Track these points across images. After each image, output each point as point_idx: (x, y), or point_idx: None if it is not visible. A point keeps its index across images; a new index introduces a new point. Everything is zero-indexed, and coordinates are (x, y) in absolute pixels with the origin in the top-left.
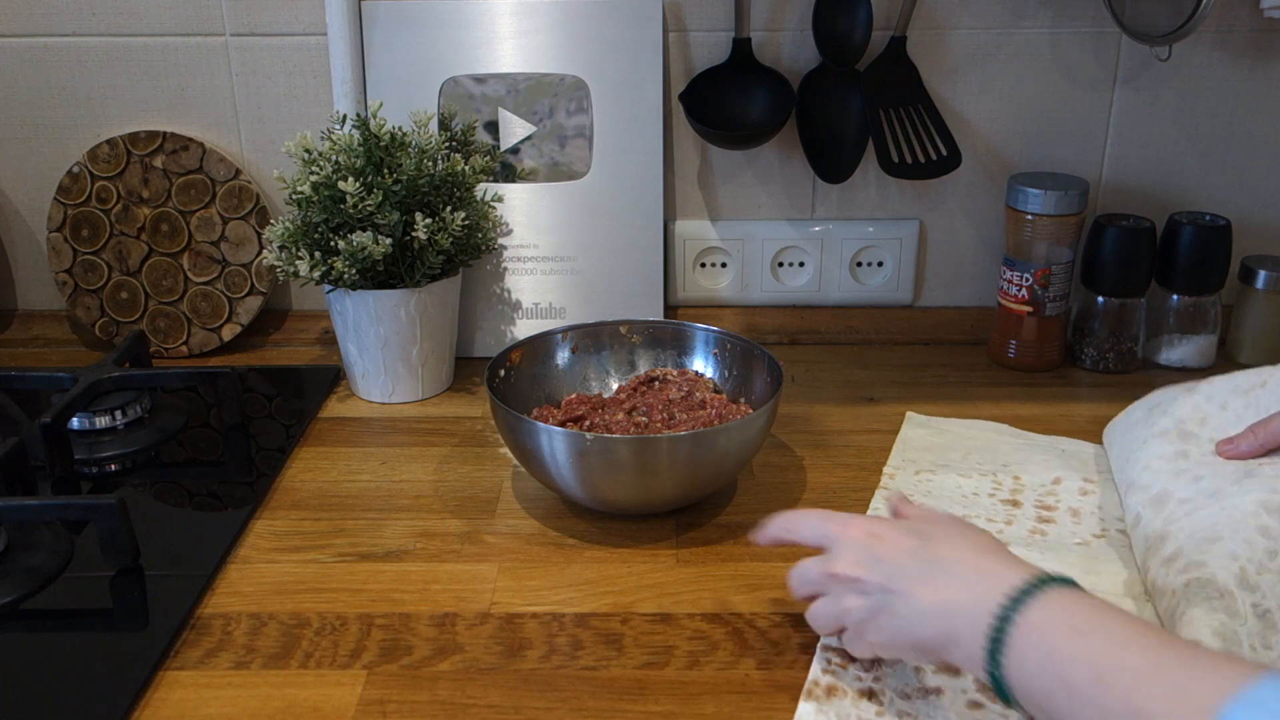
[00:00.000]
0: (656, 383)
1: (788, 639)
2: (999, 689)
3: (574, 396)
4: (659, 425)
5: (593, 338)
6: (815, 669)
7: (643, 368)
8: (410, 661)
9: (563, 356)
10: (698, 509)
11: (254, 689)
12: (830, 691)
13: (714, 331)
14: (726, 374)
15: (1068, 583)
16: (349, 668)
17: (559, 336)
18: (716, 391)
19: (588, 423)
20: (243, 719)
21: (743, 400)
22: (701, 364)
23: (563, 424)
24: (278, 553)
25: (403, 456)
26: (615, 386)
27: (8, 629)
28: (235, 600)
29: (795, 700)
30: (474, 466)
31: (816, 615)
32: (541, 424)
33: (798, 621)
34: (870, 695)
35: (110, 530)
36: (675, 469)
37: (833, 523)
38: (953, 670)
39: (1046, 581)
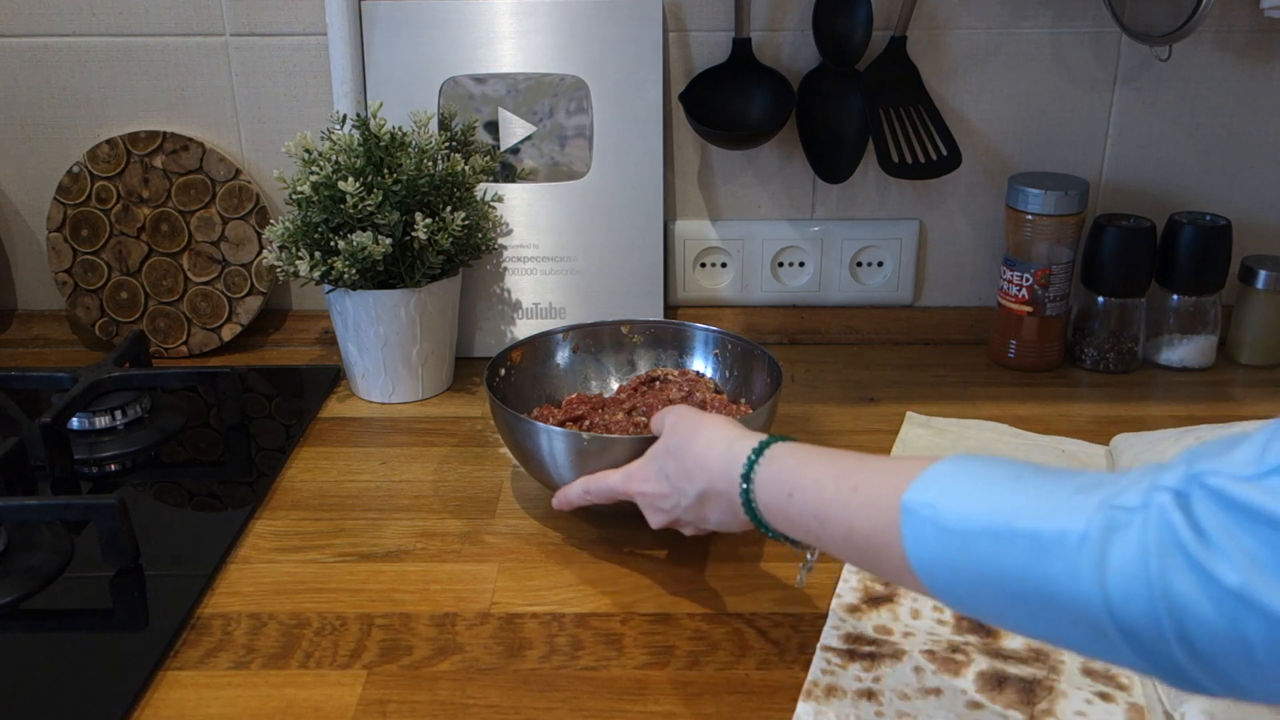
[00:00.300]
0: (657, 383)
1: (788, 639)
2: (763, 529)
3: (574, 396)
4: None
5: (593, 338)
6: (814, 670)
7: (644, 368)
8: (410, 661)
9: (563, 356)
10: None
11: (254, 689)
12: (829, 692)
13: (714, 332)
14: (727, 374)
15: (778, 441)
16: (349, 668)
17: (559, 336)
18: (718, 392)
19: (587, 422)
20: (243, 719)
21: (743, 400)
22: (702, 364)
23: (562, 423)
24: (278, 553)
25: (403, 456)
26: (616, 386)
27: (8, 629)
28: (235, 600)
29: (795, 700)
30: (474, 466)
31: (652, 522)
32: (540, 423)
33: (798, 621)
34: (869, 695)
35: (110, 530)
36: None
37: (615, 472)
38: (952, 670)
39: (766, 444)
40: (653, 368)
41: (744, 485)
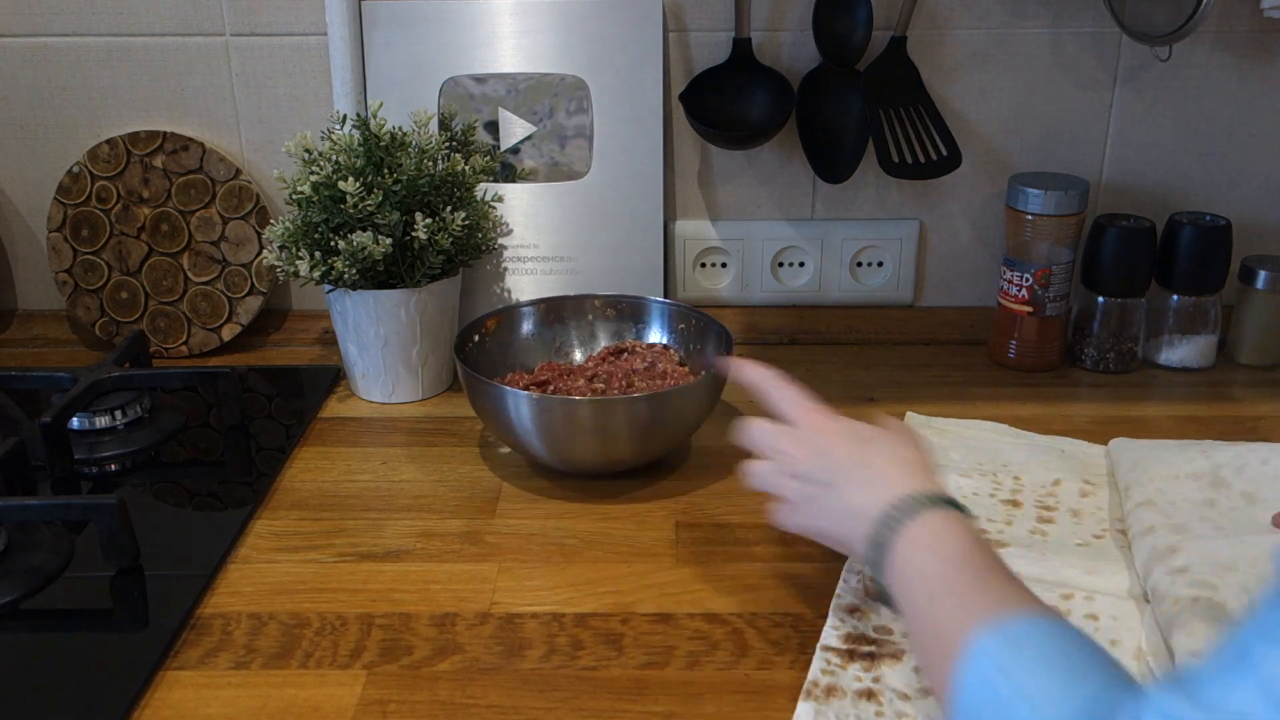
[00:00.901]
0: (625, 354)
1: (788, 639)
2: (880, 586)
3: (544, 364)
4: (615, 392)
5: (566, 310)
6: (814, 670)
7: (613, 340)
8: (410, 661)
9: (538, 327)
10: (698, 509)
11: (254, 689)
12: (829, 692)
13: (677, 307)
14: (690, 348)
15: (955, 507)
16: (349, 668)
17: (534, 308)
18: (681, 364)
19: (551, 388)
20: (243, 719)
21: (703, 373)
22: (667, 337)
23: (527, 388)
24: (278, 553)
25: (403, 456)
26: (581, 357)
27: (8, 629)
28: (235, 600)
29: (795, 700)
30: (474, 466)
31: (755, 473)
32: (495, 384)
33: (798, 621)
34: (869, 695)
35: (110, 530)
36: (599, 431)
37: (803, 407)
38: None
39: (930, 502)
40: (621, 340)
41: (886, 524)
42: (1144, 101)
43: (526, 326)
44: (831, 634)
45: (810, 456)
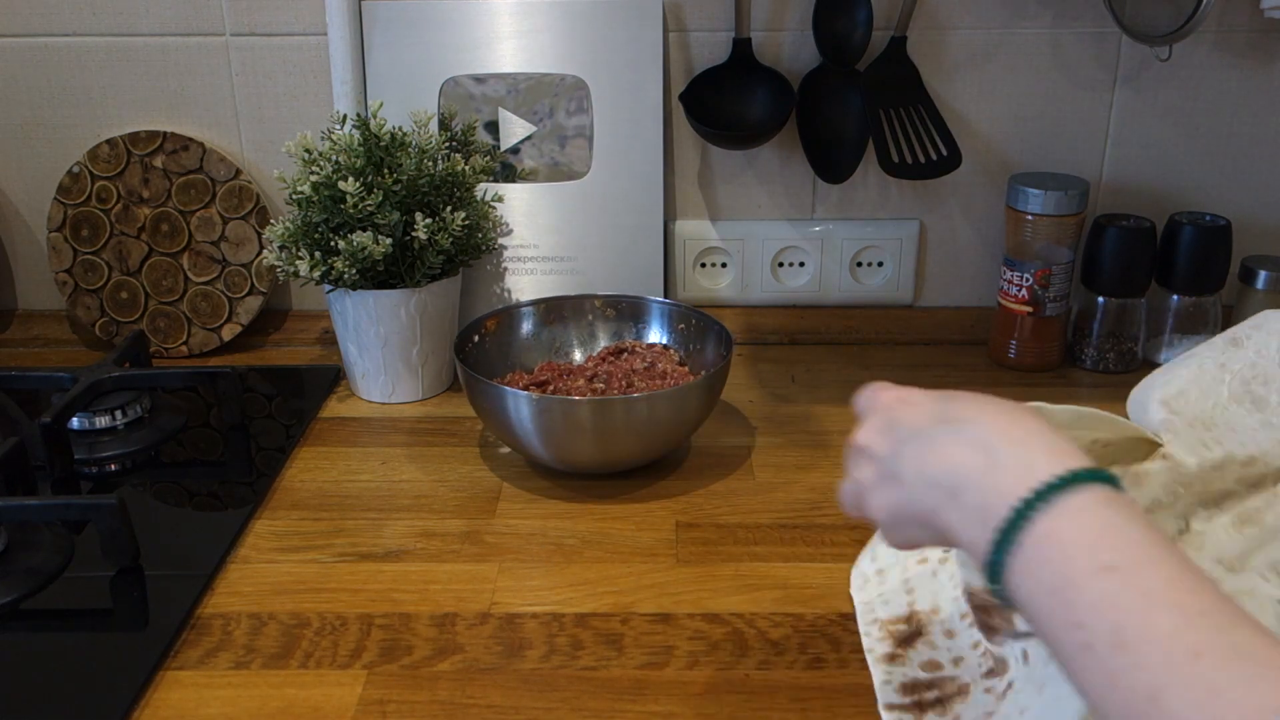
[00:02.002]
0: (624, 354)
1: (788, 639)
2: (994, 584)
3: (544, 364)
4: (614, 392)
5: (565, 310)
6: None
7: (612, 340)
8: (410, 661)
9: (538, 327)
10: (698, 509)
11: (254, 689)
12: None
13: (677, 307)
14: (691, 348)
15: (1107, 480)
16: (349, 668)
17: (534, 308)
18: (681, 364)
19: (551, 387)
20: (243, 719)
21: (703, 373)
22: (668, 338)
23: (526, 388)
24: (278, 553)
25: (403, 456)
26: (581, 357)
27: (8, 629)
28: (235, 600)
29: (794, 700)
30: (474, 466)
31: (841, 494)
32: (492, 383)
33: (797, 621)
34: None
35: (110, 530)
36: (599, 431)
37: (870, 391)
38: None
39: (1081, 478)
40: (620, 340)
41: (1023, 507)
42: (1144, 101)
43: (526, 326)
44: (888, 690)
45: (879, 434)
